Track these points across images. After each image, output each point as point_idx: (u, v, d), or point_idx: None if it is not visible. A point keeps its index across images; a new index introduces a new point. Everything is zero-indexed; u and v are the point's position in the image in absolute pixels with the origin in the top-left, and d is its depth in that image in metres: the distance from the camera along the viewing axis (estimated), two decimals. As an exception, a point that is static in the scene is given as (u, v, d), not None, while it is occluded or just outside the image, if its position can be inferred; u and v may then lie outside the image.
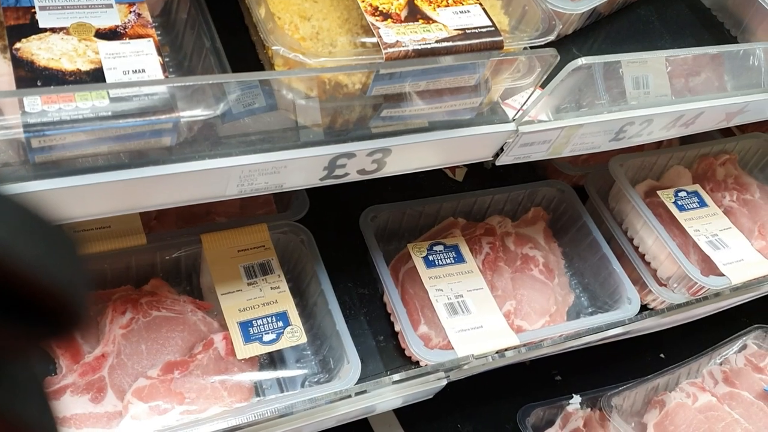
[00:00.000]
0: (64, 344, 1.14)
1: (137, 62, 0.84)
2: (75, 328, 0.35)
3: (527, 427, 1.66)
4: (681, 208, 1.63)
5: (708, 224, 1.63)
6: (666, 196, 1.65)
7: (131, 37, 0.86)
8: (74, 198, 0.82)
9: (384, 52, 0.84)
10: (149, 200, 0.89)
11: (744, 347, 1.90)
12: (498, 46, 0.91)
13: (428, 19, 0.90)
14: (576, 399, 1.72)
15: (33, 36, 0.82)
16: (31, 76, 0.78)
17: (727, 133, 1.93)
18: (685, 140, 1.78)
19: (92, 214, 0.86)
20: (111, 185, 0.83)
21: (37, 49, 0.81)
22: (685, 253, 1.56)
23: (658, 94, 1.22)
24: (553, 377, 1.87)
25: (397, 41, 0.86)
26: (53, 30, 0.83)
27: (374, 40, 0.86)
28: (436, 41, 0.87)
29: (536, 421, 1.70)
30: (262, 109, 0.91)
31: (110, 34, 0.85)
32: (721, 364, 1.86)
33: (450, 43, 0.88)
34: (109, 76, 0.81)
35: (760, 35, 1.45)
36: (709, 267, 1.58)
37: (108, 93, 0.77)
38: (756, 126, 1.89)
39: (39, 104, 0.75)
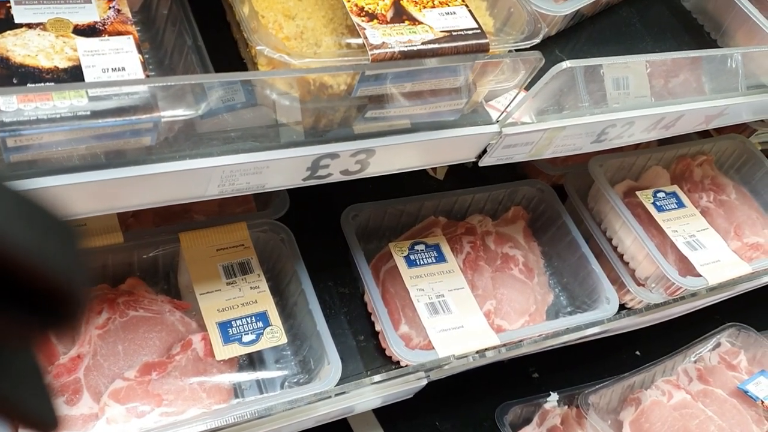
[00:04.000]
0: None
1: (117, 60, 0.82)
2: (75, 317, 0.36)
3: (505, 425, 1.67)
4: (659, 209, 1.64)
5: (686, 225, 1.64)
6: (644, 197, 1.66)
7: (110, 34, 0.84)
8: (51, 198, 0.80)
9: (370, 53, 0.83)
10: (128, 201, 0.87)
11: (718, 345, 1.93)
12: (484, 49, 0.91)
13: (414, 21, 0.89)
14: (553, 397, 1.73)
15: (8, 32, 0.79)
16: (7, 74, 0.76)
17: (704, 134, 1.94)
18: (664, 141, 1.80)
19: (70, 215, 0.84)
20: (89, 185, 0.81)
21: (12, 45, 0.78)
22: (663, 253, 1.57)
23: (637, 95, 1.23)
24: (531, 375, 1.87)
25: (383, 42, 0.85)
26: (29, 26, 0.81)
27: (360, 41, 0.85)
28: (422, 43, 0.86)
29: (514, 418, 1.71)
30: (242, 106, 0.90)
31: (89, 31, 0.83)
32: (695, 362, 1.88)
33: (436, 45, 0.87)
34: (88, 74, 0.79)
35: (739, 39, 1.46)
36: (686, 267, 1.59)
37: (87, 92, 0.75)
38: (732, 128, 1.91)
39: (15, 103, 0.72)
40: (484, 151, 1.12)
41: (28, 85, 0.76)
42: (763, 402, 1.73)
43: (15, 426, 0.38)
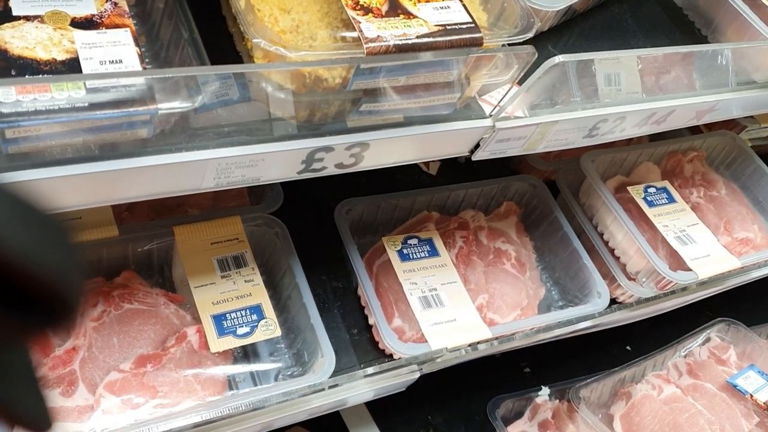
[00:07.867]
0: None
1: (114, 52, 0.83)
2: (70, 317, 0.36)
3: (496, 419, 1.68)
4: (650, 204, 1.66)
5: (676, 220, 1.66)
6: (636, 192, 1.68)
7: (108, 27, 0.85)
8: (48, 190, 0.81)
9: (365, 46, 0.84)
10: (125, 193, 0.88)
11: (708, 340, 1.95)
12: (477, 43, 0.91)
13: (409, 15, 0.90)
14: (545, 391, 1.74)
15: (6, 24, 0.80)
16: (5, 65, 0.77)
17: (695, 130, 1.96)
18: (655, 137, 1.81)
19: (66, 207, 0.85)
20: (86, 177, 0.81)
21: (10, 38, 0.79)
22: (653, 248, 1.59)
23: (629, 91, 1.24)
24: (523, 369, 1.89)
25: (378, 36, 0.85)
26: (27, 18, 0.81)
27: (355, 34, 0.86)
28: (417, 37, 0.87)
29: (505, 412, 1.72)
30: (236, 100, 0.90)
31: (86, 24, 0.84)
32: (685, 356, 1.90)
33: (430, 39, 0.88)
34: (86, 67, 0.80)
35: (730, 35, 1.48)
36: (676, 262, 1.61)
37: (85, 84, 0.76)
38: (723, 124, 1.93)
39: (13, 94, 0.73)
40: (478, 146, 1.13)
41: (27, 77, 0.77)
42: (752, 396, 1.75)
43: (10, 426, 0.38)
